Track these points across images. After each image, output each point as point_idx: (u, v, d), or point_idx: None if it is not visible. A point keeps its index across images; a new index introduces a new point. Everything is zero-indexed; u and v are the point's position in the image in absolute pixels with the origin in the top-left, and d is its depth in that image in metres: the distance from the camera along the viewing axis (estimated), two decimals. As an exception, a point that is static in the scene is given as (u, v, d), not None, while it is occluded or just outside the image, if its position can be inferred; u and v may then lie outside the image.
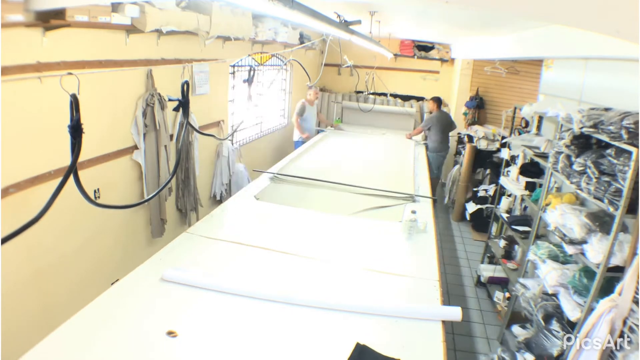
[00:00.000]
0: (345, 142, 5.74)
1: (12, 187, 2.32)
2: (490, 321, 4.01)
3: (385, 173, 4.33)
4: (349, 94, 8.21)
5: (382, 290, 2.09)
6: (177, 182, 4.00)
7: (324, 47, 6.44)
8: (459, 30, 5.21)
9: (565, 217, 2.68)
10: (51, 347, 1.48)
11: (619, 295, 2.02)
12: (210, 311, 1.78)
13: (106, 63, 2.88)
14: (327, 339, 1.69)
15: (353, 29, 3.24)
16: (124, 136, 3.22)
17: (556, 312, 2.69)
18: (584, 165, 2.47)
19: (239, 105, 5.42)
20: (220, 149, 4.75)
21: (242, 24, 4.26)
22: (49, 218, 1.94)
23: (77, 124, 1.56)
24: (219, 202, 4.70)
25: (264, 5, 1.62)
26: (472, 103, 7.04)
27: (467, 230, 6.20)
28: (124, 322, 1.66)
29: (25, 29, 2.25)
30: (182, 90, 2.26)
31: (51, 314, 2.59)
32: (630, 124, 2.12)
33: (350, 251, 2.47)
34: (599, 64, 3.14)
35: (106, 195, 3.05)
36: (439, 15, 3.88)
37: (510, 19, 3.39)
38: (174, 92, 2.37)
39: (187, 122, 2.48)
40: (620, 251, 2.25)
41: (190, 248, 2.30)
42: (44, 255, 2.63)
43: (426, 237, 2.67)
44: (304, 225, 2.80)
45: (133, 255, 3.30)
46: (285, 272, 2.16)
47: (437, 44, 7.87)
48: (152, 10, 2.97)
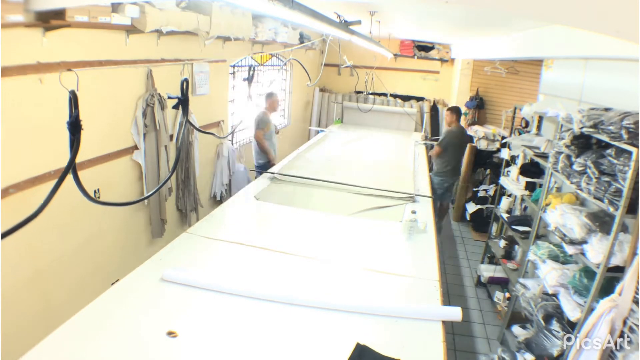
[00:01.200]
0: (345, 142, 5.74)
1: (12, 187, 2.32)
2: (490, 321, 4.01)
3: (385, 173, 4.33)
4: (349, 94, 8.21)
5: (382, 290, 2.09)
6: (177, 182, 4.00)
7: (324, 47, 6.44)
8: (459, 31, 5.21)
9: (565, 217, 2.68)
10: (51, 347, 1.48)
11: (619, 295, 2.02)
12: (210, 311, 1.78)
13: (106, 63, 2.88)
14: (327, 339, 1.69)
15: (353, 29, 3.24)
16: (124, 136, 3.22)
17: (556, 312, 2.69)
18: (584, 165, 2.47)
19: (239, 105, 5.41)
20: (221, 149, 4.75)
21: (242, 24, 4.26)
22: (49, 218, 1.93)
23: (76, 120, 1.55)
24: (219, 202, 4.70)
25: (264, 5, 1.62)
26: (472, 103, 7.04)
27: (467, 230, 6.20)
28: (124, 322, 1.65)
29: (25, 29, 2.25)
30: (181, 88, 2.25)
31: (51, 314, 2.59)
32: (630, 124, 2.12)
33: (350, 251, 2.47)
34: (599, 64, 3.14)
35: (106, 195, 3.05)
36: (439, 15, 3.88)
37: (510, 19, 3.39)
38: (174, 92, 2.36)
39: (186, 120, 2.47)
40: (620, 251, 2.25)
41: (190, 248, 2.30)
42: (44, 255, 2.63)
43: (426, 237, 2.67)
44: (303, 225, 2.80)
45: (133, 256, 3.30)
46: (285, 272, 2.16)
47: (437, 44, 7.87)
48: (152, 11, 2.97)
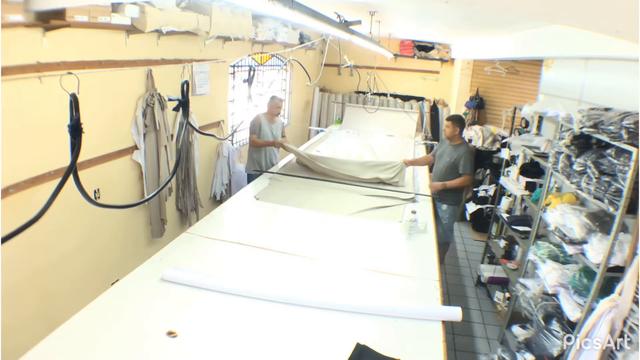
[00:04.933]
0: (345, 142, 5.74)
1: (12, 187, 2.32)
2: (490, 321, 4.01)
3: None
4: (349, 94, 8.20)
5: (382, 290, 2.09)
6: (177, 182, 4.00)
7: (324, 47, 6.43)
8: (459, 31, 5.21)
9: (565, 217, 2.68)
10: (51, 347, 1.48)
11: (619, 295, 2.02)
12: (210, 311, 1.79)
13: (106, 63, 2.88)
14: (327, 339, 1.69)
15: (353, 29, 3.23)
16: (124, 136, 3.22)
17: (556, 312, 2.69)
18: (584, 165, 2.47)
19: (239, 105, 5.41)
20: (221, 149, 4.75)
21: (242, 24, 4.26)
22: (49, 218, 1.93)
23: (77, 123, 1.56)
24: (219, 202, 4.70)
25: (264, 5, 1.62)
26: (472, 103, 7.03)
27: (467, 230, 6.20)
28: (124, 322, 1.66)
29: (25, 29, 2.25)
30: (182, 89, 2.26)
31: (51, 313, 2.59)
32: (630, 124, 2.11)
33: (350, 251, 2.47)
34: (599, 64, 3.14)
35: (106, 195, 3.05)
36: (439, 15, 3.88)
37: (510, 19, 3.39)
38: (174, 92, 2.36)
39: (187, 122, 2.47)
40: (620, 251, 2.25)
41: (190, 248, 2.30)
42: (44, 255, 2.63)
43: (426, 237, 2.67)
44: (304, 225, 2.80)
45: (133, 256, 3.30)
46: (286, 272, 2.16)
47: (437, 44, 7.87)
48: (152, 11, 2.97)
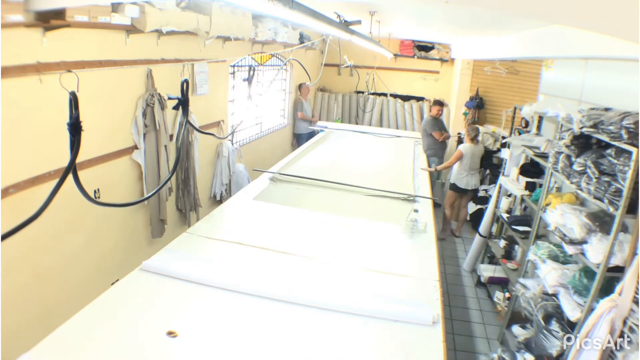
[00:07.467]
0: (345, 143, 5.74)
1: (12, 187, 2.32)
2: (490, 321, 4.01)
3: (385, 173, 4.33)
4: (349, 93, 8.20)
5: (382, 290, 2.08)
6: (177, 182, 4.00)
7: (324, 47, 6.44)
8: (459, 30, 5.21)
9: (565, 217, 2.68)
10: (51, 347, 1.47)
11: (619, 295, 2.02)
12: (210, 311, 1.78)
13: (106, 63, 2.88)
14: (327, 339, 1.69)
15: (353, 29, 3.23)
16: (124, 136, 3.22)
17: (556, 312, 2.69)
18: (584, 165, 2.47)
19: (239, 105, 5.42)
20: (220, 149, 4.75)
21: (242, 24, 4.26)
22: (49, 218, 1.93)
23: (76, 121, 1.55)
24: (219, 202, 4.70)
25: (264, 5, 1.62)
26: (472, 103, 7.04)
27: (467, 230, 6.19)
28: (123, 322, 1.65)
29: (25, 29, 2.25)
30: (181, 88, 2.25)
31: (51, 313, 2.58)
32: (630, 124, 2.12)
33: (350, 251, 2.47)
34: (599, 64, 3.14)
35: (106, 195, 3.05)
36: (439, 15, 3.88)
37: (510, 19, 3.39)
38: (174, 92, 2.36)
39: (186, 121, 2.47)
40: (620, 251, 2.25)
41: (190, 248, 2.29)
42: (44, 255, 2.63)
43: (426, 237, 2.67)
44: (303, 226, 2.80)
45: (133, 256, 3.29)
46: (285, 273, 2.16)
47: (437, 44, 7.87)
48: (152, 11, 2.97)
